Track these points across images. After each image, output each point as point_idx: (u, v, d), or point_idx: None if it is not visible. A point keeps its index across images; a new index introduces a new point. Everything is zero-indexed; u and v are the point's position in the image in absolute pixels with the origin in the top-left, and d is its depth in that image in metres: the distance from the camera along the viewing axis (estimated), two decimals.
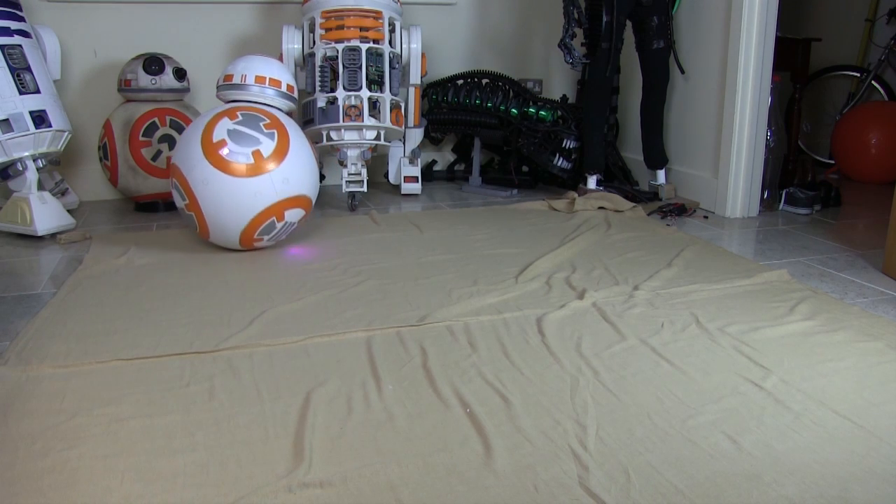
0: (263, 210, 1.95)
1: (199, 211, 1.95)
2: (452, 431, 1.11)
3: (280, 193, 1.95)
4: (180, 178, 1.94)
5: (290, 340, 1.45)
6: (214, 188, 1.90)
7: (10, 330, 1.54)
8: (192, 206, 1.95)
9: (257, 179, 1.92)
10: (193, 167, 1.91)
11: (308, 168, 2.04)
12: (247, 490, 0.96)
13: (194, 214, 1.96)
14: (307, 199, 2.05)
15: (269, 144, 1.94)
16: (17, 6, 2.35)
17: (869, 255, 2.08)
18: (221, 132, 1.92)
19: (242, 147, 1.91)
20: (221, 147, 1.90)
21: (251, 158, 1.92)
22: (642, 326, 1.53)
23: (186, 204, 1.96)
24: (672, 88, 2.82)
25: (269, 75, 2.09)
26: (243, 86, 2.05)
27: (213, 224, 1.96)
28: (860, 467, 1.02)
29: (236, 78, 2.07)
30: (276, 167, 1.94)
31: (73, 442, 1.08)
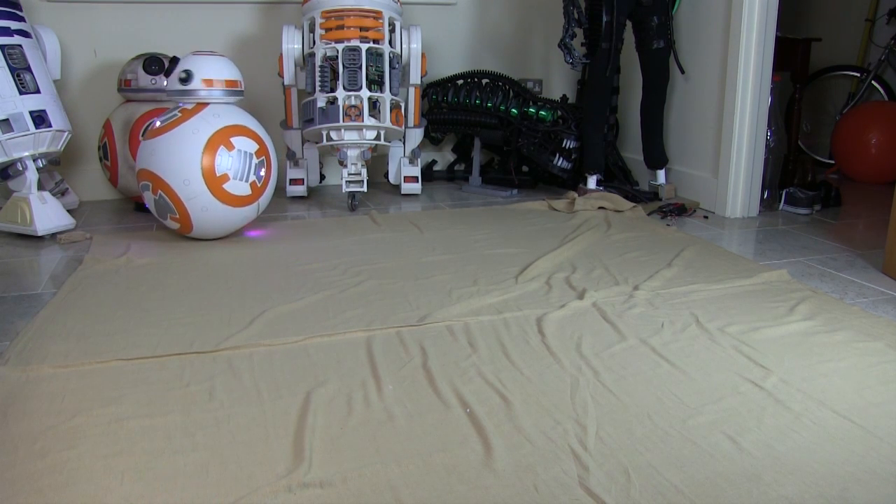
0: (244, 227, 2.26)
1: (189, 222, 2.10)
2: (452, 431, 1.11)
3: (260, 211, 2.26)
4: (171, 197, 2.04)
5: (290, 340, 1.45)
6: (213, 215, 2.08)
7: (10, 330, 1.54)
8: (181, 220, 2.09)
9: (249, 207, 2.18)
10: (194, 197, 2.04)
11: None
12: (247, 490, 0.96)
13: (177, 222, 2.11)
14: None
15: (260, 175, 2.16)
16: (17, 6, 2.35)
17: (869, 255, 2.08)
18: (223, 166, 2.05)
19: (244, 182, 2.11)
20: (225, 182, 2.06)
21: (249, 190, 2.13)
22: (642, 326, 1.53)
23: (176, 217, 2.08)
24: (672, 88, 2.82)
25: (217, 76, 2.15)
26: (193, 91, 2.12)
27: (198, 233, 2.16)
28: (860, 467, 1.02)
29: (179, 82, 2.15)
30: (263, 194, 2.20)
31: (73, 442, 1.08)
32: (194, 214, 2.05)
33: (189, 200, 2.03)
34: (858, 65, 3.68)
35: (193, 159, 2.01)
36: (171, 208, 2.06)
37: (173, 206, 2.05)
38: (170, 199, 2.04)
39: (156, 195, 2.06)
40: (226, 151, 2.04)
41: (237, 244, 2.16)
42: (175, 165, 2.01)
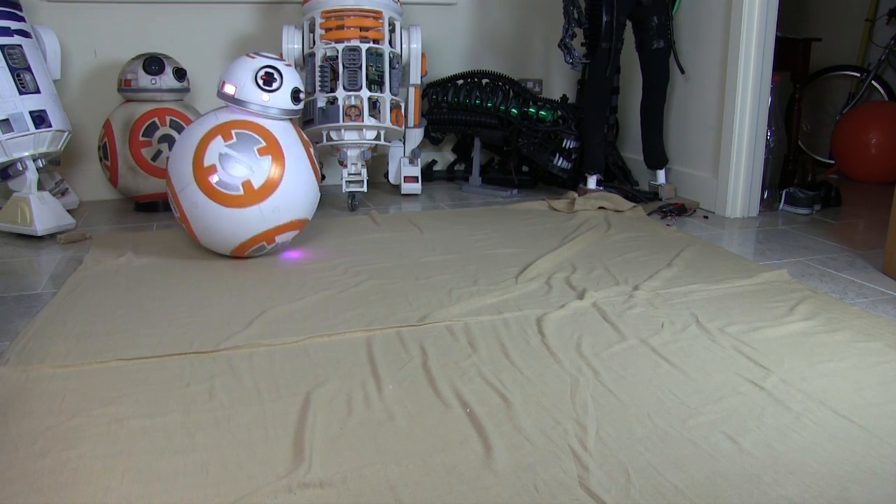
0: (252, 237, 1.92)
1: (189, 226, 1.93)
2: (452, 431, 1.11)
3: (269, 222, 1.91)
4: (171, 191, 1.91)
5: (290, 340, 1.45)
6: (203, 213, 1.87)
7: (10, 330, 1.54)
8: (183, 220, 1.93)
9: (246, 211, 1.87)
10: (184, 187, 1.87)
11: (303, 192, 1.96)
12: (247, 490, 0.96)
13: (185, 227, 1.95)
14: (300, 222, 2.00)
15: (260, 174, 1.86)
16: (17, 6, 2.35)
17: (869, 255, 2.08)
18: (213, 156, 1.84)
19: (233, 176, 1.84)
20: (211, 173, 1.84)
21: (241, 189, 1.85)
22: (642, 326, 1.53)
23: (178, 216, 1.94)
24: (672, 88, 2.82)
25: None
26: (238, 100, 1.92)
27: (203, 238, 1.95)
28: (860, 467, 1.02)
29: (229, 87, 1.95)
30: (267, 198, 1.87)
31: (73, 442, 1.08)
32: (188, 211, 1.88)
33: (180, 191, 1.88)
34: (858, 65, 3.68)
35: (190, 147, 1.88)
36: (173, 204, 1.94)
37: (173, 201, 1.92)
38: (170, 192, 1.92)
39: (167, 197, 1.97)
40: (221, 141, 1.86)
41: None
42: (213, 234, 1.90)
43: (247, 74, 1.89)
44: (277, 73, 1.90)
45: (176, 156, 1.91)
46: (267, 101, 1.89)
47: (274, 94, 1.90)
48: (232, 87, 1.89)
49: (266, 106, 1.90)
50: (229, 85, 1.89)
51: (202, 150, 1.86)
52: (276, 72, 1.90)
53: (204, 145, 1.86)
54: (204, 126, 1.90)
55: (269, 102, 1.90)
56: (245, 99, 1.88)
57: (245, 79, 1.89)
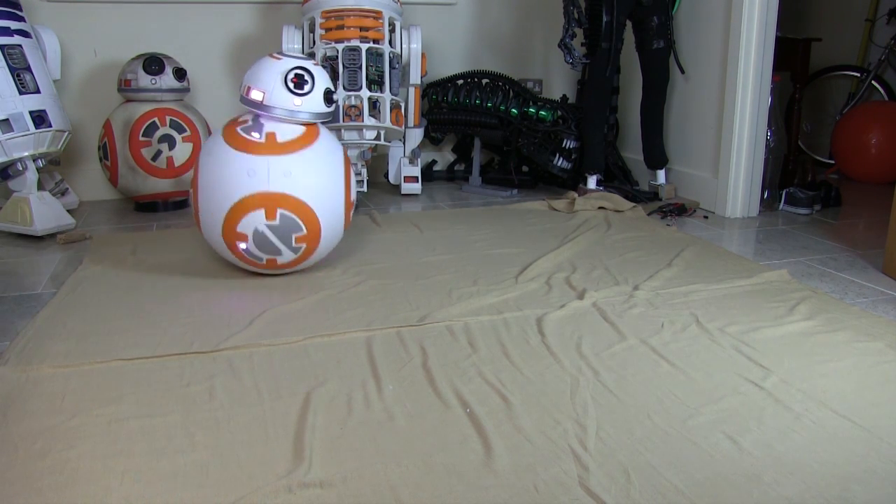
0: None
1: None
2: (452, 431, 1.11)
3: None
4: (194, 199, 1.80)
5: (290, 340, 1.45)
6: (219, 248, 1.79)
7: (10, 330, 1.54)
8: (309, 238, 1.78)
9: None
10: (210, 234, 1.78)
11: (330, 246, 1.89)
12: (247, 490, 0.96)
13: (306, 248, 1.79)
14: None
15: (288, 256, 1.78)
16: (17, 6, 2.35)
17: (869, 255, 2.08)
18: (248, 227, 1.71)
19: (261, 252, 1.76)
20: (241, 241, 1.73)
21: (264, 261, 1.78)
22: (642, 326, 1.52)
23: (301, 235, 1.76)
24: (672, 88, 2.82)
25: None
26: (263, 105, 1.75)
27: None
28: (860, 467, 1.02)
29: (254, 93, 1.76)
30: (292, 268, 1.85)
31: (73, 442, 1.08)
32: (323, 225, 1.78)
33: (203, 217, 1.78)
34: (858, 65, 3.68)
35: (226, 198, 1.73)
36: (297, 225, 1.74)
37: (302, 224, 1.75)
38: (302, 220, 1.75)
39: (274, 217, 1.72)
40: (262, 217, 1.72)
41: None
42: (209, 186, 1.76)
43: (275, 78, 1.73)
44: (308, 75, 1.74)
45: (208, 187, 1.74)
46: (299, 106, 1.74)
47: (306, 98, 1.75)
48: (259, 92, 1.73)
49: (296, 111, 1.74)
50: (256, 90, 1.73)
51: (238, 214, 1.71)
52: (306, 73, 1.74)
53: (242, 211, 1.71)
54: (246, 186, 1.70)
55: (300, 107, 1.74)
56: (274, 104, 1.73)
57: (273, 83, 1.73)
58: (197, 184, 1.78)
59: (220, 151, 1.74)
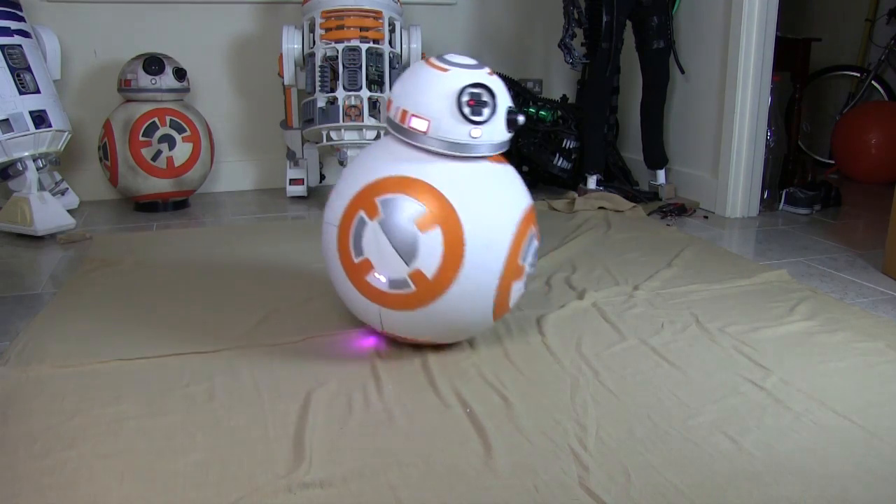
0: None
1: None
2: (452, 431, 1.11)
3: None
4: (453, 231, 1.25)
5: (290, 340, 1.45)
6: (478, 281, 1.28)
7: (10, 330, 1.54)
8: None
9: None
10: (330, 257, 1.35)
11: None
12: (247, 490, 0.96)
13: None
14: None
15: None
16: (17, 6, 2.35)
17: (869, 255, 2.08)
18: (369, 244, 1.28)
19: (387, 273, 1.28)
20: (369, 271, 1.28)
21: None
22: (642, 326, 1.52)
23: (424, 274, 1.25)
24: (672, 88, 2.82)
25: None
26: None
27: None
28: (860, 467, 1.02)
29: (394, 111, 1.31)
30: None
31: (73, 442, 1.08)
32: (454, 291, 1.28)
33: (470, 268, 1.28)
34: (858, 65, 3.68)
35: (514, 216, 1.31)
36: (433, 261, 1.26)
37: (440, 260, 1.26)
38: (446, 247, 1.25)
39: (425, 229, 1.26)
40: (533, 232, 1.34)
41: (237, 244, 2.16)
42: (493, 217, 1.29)
43: (445, 101, 1.23)
44: (488, 94, 1.25)
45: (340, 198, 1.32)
46: (477, 138, 1.25)
47: (486, 126, 1.25)
48: (423, 121, 1.24)
49: (474, 144, 1.26)
50: (418, 119, 1.25)
51: (528, 222, 1.32)
52: (485, 92, 1.25)
53: (528, 221, 1.32)
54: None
55: (479, 138, 1.25)
56: (444, 137, 1.24)
57: (443, 108, 1.23)
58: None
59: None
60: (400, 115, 1.28)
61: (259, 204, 2.76)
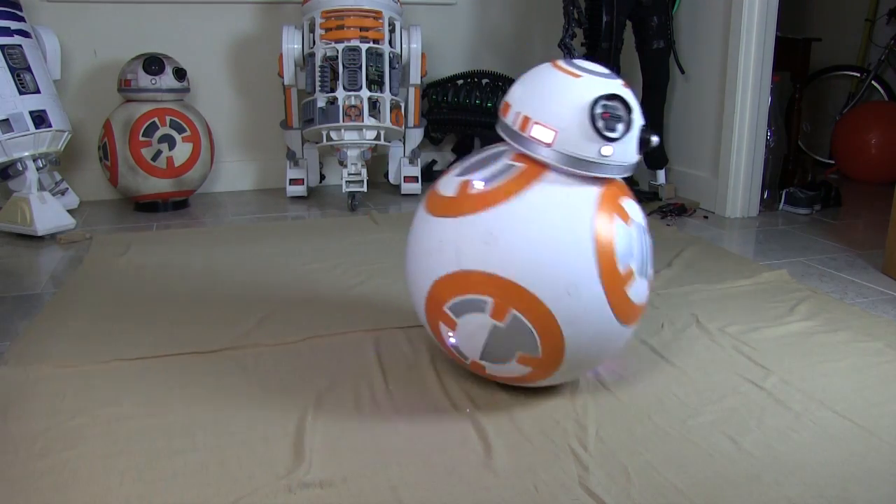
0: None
1: (554, 364, 1.13)
2: (452, 431, 1.11)
3: None
4: (538, 316, 1.07)
5: (291, 340, 1.45)
6: (601, 336, 1.11)
7: (10, 330, 1.54)
8: (545, 362, 1.11)
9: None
10: (579, 313, 1.07)
11: None
12: (247, 490, 0.96)
13: (533, 370, 1.13)
14: None
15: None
16: (17, 6, 2.35)
17: (869, 255, 2.08)
18: (628, 251, 1.10)
19: (643, 280, 1.13)
20: (630, 282, 1.09)
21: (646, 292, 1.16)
22: (642, 326, 1.52)
23: (531, 356, 1.10)
24: (672, 88, 2.82)
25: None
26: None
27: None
28: (860, 467, 1.02)
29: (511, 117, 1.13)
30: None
31: (73, 442, 1.08)
32: (570, 345, 1.09)
33: (570, 324, 1.07)
34: (858, 65, 3.68)
35: (583, 244, 1.06)
36: (529, 339, 1.09)
37: (537, 337, 1.08)
38: (534, 325, 1.07)
39: (503, 320, 1.08)
40: (622, 224, 1.10)
41: (237, 244, 2.16)
42: (548, 261, 1.06)
43: (576, 112, 1.06)
44: (624, 108, 1.09)
45: (542, 263, 1.06)
46: (608, 156, 1.08)
47: (619, 144, 1.08)
48: (549, 132, 1.07)
49: (606, 163, 1.09)
50: (544, 128, 1.08)
51: (607, 243, 1.08)
52: (621, 105, 1.08)
53: (609, 239, 1.08)
54: (582, 200, 1.09)
55: (611, 157, 1.08)
56: (571, 152, 1.07)
57: (572, 118, 1.06)
58: None
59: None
60: (520, 122, 1.10)
61: (259, 204, 2.76)
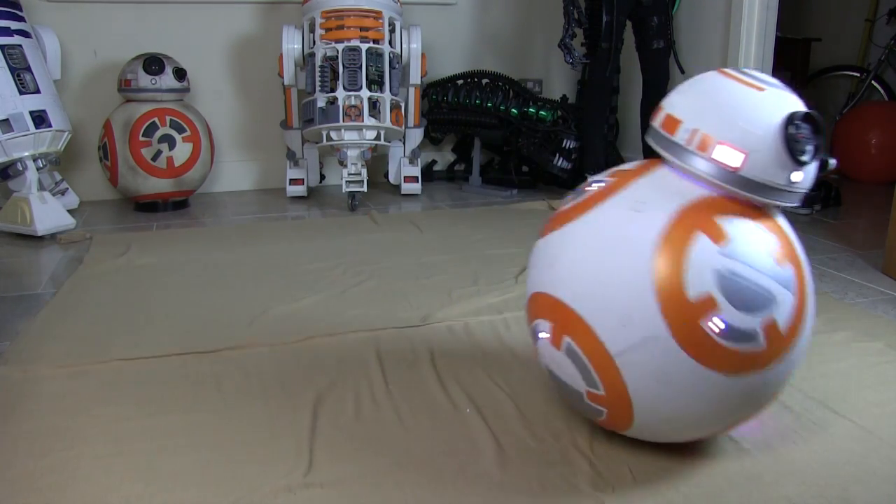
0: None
1: (626, 415, 0.99)
2: (453, 431, 1.11)
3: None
4: (590, 348, 0.95)
5: (291, 340, 1.45)
6: (669, 376, 0.92)
7: (10, 330, 1.54)
8: (612, 405, 0.98)
9: (760, 376, 0.93)
10: (639, 342, 0.92)
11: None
12: (247, 490, 0.96)
13: (608, 414, 1.01)
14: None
15: (786, 306, 0.93)
16: (17, 6, 2.35)
17: (869, 255, 2.08)
18: (704, 278, 0.90)
19: (747, 316, 0.91)
20: (708, 313, 0.90)
21: (761, 340, 0.91)
22: None
23: (597, 394, 0.98)
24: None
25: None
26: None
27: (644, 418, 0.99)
28: (860, 467, 1.02)
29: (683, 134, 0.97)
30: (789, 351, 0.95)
31: (73, 442, 1.08)
32: (631, 384, 0.94)
33: (625, 358, 0.93)
34: (858, 65, 3.68)
35: (639, 271, 0.92)
36: (589, 376, 0.97)
37: (594, 373, 0.97)
38: (589, 358, 0.96)
39: (560, 347, 1.00)
40: (710, 244, 0.91)
41: (237, 244, 2.16)
42: (601, 288, 0.94)
43: (768, 133, 0.91)
44: (814, 128, 0.93)
45: (595, 289, 0.95)
46: (797, 182, 0.93)
47: (808, 169, 0.94)
48: (739, 154, 0.92)
49: (791, 191, 0.94)
50: (731, 150, 0.92)
51: (676, 263, 0.91)
52: (812, 125, 0.93)
53: (677, 253, 0.91)
54: (649, 221, 0.95)
55: (800, 183, 0.94)
56: (759, 178, 0.92)
57: (764, 140, 0.91)
58: None
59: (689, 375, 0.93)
60: (699, 141, 0.94)
61: (259, 204, 2.76)
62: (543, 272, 1.03)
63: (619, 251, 0.94)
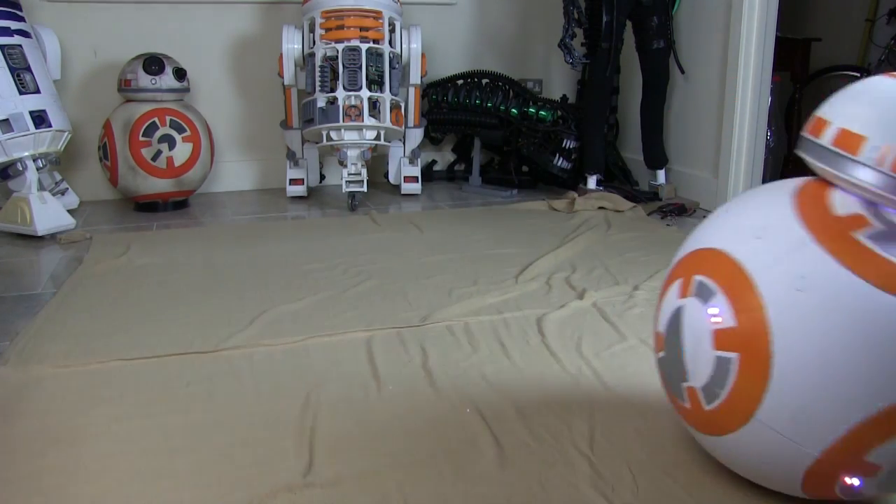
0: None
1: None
2: (453, 431, 1.11)
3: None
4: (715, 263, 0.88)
5: (290, 340, 1.45)
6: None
7: (10, 330, 1.54)
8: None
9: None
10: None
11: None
12: (247, 490, 0.96)
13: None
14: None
15: None
16: (17, 6, 2.35)
17: None
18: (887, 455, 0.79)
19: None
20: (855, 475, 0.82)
21: None
22: (642, 326, 1.52)
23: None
24: (672, 88, 2.82)
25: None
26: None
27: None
28: None
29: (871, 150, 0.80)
30: None
31: (73, 442, 1.08)
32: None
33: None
34: (858, 65, 3.68)
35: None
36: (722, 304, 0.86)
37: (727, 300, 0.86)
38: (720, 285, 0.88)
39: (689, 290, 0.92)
40: None
41: (237, 244, 2.16)
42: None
43: None
44: None
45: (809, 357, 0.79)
46: None
47: None
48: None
49: None
50: None
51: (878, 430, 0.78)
52: None
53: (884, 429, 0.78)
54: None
55: None
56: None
57: None
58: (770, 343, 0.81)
59: (834, 283, 0.79)
60: (879, 156, 0.79)
61: (259, 204, 2.76)
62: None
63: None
